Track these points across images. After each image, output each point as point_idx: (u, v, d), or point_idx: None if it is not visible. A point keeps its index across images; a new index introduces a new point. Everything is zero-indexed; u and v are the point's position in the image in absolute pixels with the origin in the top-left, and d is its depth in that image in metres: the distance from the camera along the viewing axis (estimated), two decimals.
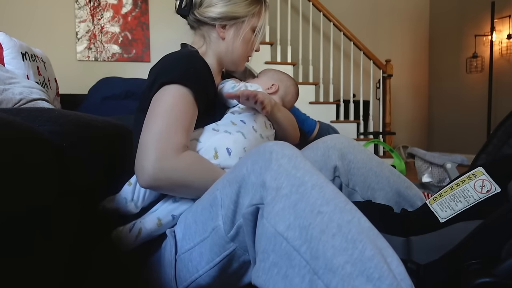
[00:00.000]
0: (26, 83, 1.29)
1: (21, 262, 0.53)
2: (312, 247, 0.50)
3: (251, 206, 0.58)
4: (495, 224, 0.60)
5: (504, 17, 3.91)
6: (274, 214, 0.54)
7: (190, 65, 0.80)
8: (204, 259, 0.66)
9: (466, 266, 0.58)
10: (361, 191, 0.93)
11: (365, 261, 0.47)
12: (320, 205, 0.52)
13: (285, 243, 0.52)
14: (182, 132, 0.73)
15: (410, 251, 0.72)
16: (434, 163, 1.89)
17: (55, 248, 0.62)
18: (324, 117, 3.66)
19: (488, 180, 0.70)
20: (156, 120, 0.73)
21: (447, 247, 0.64)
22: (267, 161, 0.58)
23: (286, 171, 0.56)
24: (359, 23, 4.59)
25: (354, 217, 0.52)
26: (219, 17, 0.90)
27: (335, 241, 0.49)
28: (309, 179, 0.55)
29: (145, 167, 0.68)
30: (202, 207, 0.68)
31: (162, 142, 0.70)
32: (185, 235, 0.69)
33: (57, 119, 0.64)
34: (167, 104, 0.74)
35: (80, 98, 2.27)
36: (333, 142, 0.94)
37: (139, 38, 3.49)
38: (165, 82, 0.76)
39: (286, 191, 0.54)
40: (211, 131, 0.82)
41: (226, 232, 0.63)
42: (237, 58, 0.96)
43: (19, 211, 0.50)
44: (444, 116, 4.78)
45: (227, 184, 0.63)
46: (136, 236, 0.72)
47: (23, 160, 0.50)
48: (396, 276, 0.46)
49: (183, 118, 0.74)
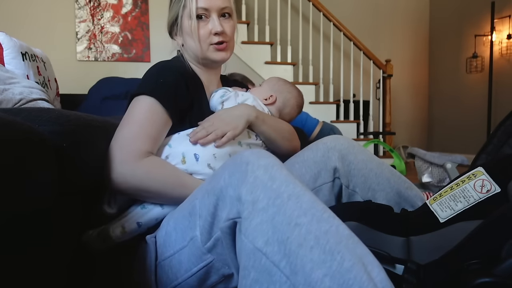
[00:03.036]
0: (26, 83, 1.29)
1: (22, 262, 0.53)
2: (291, 262, 0.48)
3: (229, 220, 0.57)
4: (495, 224, 0.60)
5: (504, 17, 3.91)
6: (252, 229, 0.53)
7: (160, 76, 0.85)
8: (182, 268, 0.66)
9: (466, 266, 0.58)
10: (361, 192, 0.92)
11: (343, 273, 0.46)
12: (297, 217, 0.51)
13: (265, 258, 0.50)
14: (144, 139, 0.77)
15: (410, 251, 0.72)
16: (434, 163, 1.89)
17: (56, 248, 0.62)
18: (324, 117, 3.66)
19: (488, 180, 0.70)
20: (122, 128, 0.78)
21: (447, 247, 0.64)
22: (243, 173, 0.57)
23: (262, 183, 0.55)
24: (359, 23, 4.58)
25: (331, 226, 0.51)
26: (169, 30, 0.97)
27: (313, 254, 0.48)
28: (285, 189, 0.54)
29: (109, 172, 0.73)
30: (182, 215, 0.68)
31: (123, 148, 0.75)
32: (166, 241, 0.69)
33: (57, 119, 0.64)
34: (133, 113, 0.80)
35: (80, 98, 2.27)
36: (333, 143, 0.94)
37: (139, 38, 3.49)
38: (135, 94, 0.82)
39: (263, 204, 0.53)
40: (183, 137, 0.84)
41: (203, 243, 0.63)
42: (198, 53, 0.91)
43: (19, 211, 0.50)
44: (444, 116, 4.78)
45: (205, 194, 0.63)
46: (102, 241, 0.75)
47: (23, 160, 0.50)
48: (377, 285, 0.45)
49: (148, 126, 0.78)
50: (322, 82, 3.84)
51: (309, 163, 0.93)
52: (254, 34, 3.69)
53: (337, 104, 3.79)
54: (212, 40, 0.90)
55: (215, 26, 0.89)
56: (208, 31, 0.89)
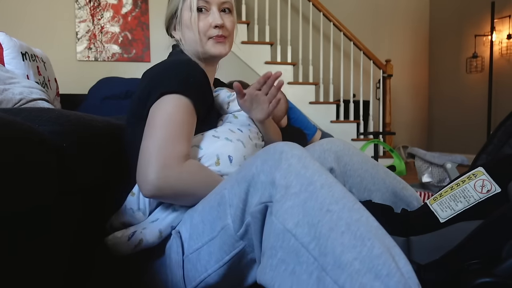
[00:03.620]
0: (26, 83, 1.29)
1: (21, 261, 0.53)
2: (320, 244, 0.50)
3: (260, 204, 0.58)
4: (495, 224, 0.60)
5: (504, 17, 3.91)
6: (283, 212, 0.54)
7: (189, 73, 0.80)
8: (213, 258, 0.66)
9: (466, 266, 0.58)
10: (357, 193, 0.93)
11: (373, 258, 0.48)
12: (329, 204, 0.53)
13: (294, 240, 0.52)
14: (183, 141, 0.73)
15: (410, 251, 0.72)
16: (434, 163, 1.89)
17: (55, 248, 0.62)
18: (324, 117, 3.66)
19: (488, 180, 0.70)
20: (158, 130, 0.72)
21: (447, 247, 0.64)
22: (277, 161, 0.58)
23: (296, 170, 0.57)
24: (359, 23, 4.58)
25: (362, 216, 0.52)
26: (167, 26, 0.96)
27: (344, 238, 0.50)
28: (318, 178, 0.56)
29: (149, 177, 0.68)
30: (210, 206, 0.68)
31: (165, 152, 0.70)
32: (192, 234, 0.69)
33: (57, 119, 0.64)
34: (167, 113, 0.74)
35: (80, 98, 2.26)
36: (329, 145, 0.95)
37: (139, 38, 3.49)
38: (165, 92, 0.75)
39: (296, 190, 0.55)
40: (211, 138, 0.82)
41: (236, 231, 0.63)
42: (197, 46, 0.90)
43: (19, 211, 0.50)
44: (444, 116, 4.78)
45: (235, 183, 0.63)
46: (135, 245, 0.71)
47: (23, 160, 0.50)
48: (404, 274, 0.47)
49: (184, 127, 0.75)
50: (322, 82, 3.84)
51: None
52: (254, 34, 3.69)
53: (337, 104, 3.79)
54: (211, 33, 0.89)
55: (216, 19, 0.88)
56: (208, 24, 0.88)
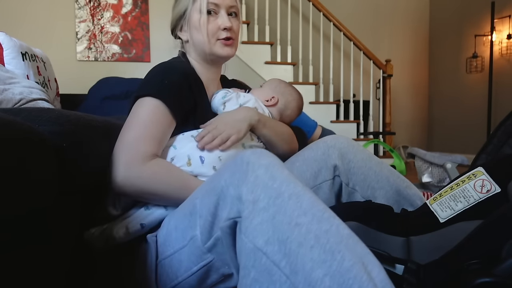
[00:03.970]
0: (26, 83, 1.29)
1: (22, 261, 0.53)
2: (291, 261, 0.49)
3: (229, 220, 0.57)
4: (495, 224, 0.60)
5: (504, 17, 3.91)
6: (252, 229, 0.53)
7: (165, 77, 0.84)
8: (183, 267, 0.66)
9: (466, 266, 0.58)
10: (361, 190, 0.93)
11: (343, 273, 0.46)
12: (298, 216, 0.51)
13: (265, 258, 0.50)
14: (150, 141, 0.76)
15: (410, 251, 0.72)
16: (434, 163, 1.89)
17: (55, 249, 0.63)
18: (324, 117, 3.66)
19: (488, 180, 0.70)
20: (127, 130, 0.77)
21: (447, 247, 0.64)
22: (244, 173, 0.57)
23: (263, 182, 0.55)
24: (359, 23, 4.58)
25: (332, 226, 0.51)
26: (174, 26, 0.97)
27: (313, 253, 0.48)
28: (286, 188, 0.54)
29: (113, 174, 0.72)
30: (183, 214, 0.68)
31: (129, 151, 0.74)
32: (166, 240, 0.69)
33: (57, 119, 0.64)
34: (138, 115, 0.79)
35: (80, 98, 2.27)
36: (333, 142, 0.95)
37: (139, 38, 3.49)
38: (139, 95, 0.81)
39: (264, 204, 0.53)
40: (188, 138, 0.84)
41: (203, 243, 0.63)
42: (205, 48, 0.92)
43: (19, 211, 0.50)
44: (444, 116, 4.78)
45: (206, 194, 0.63)
46: (105, 241, 0.75)
47: (23, 160, 0.50)
48: (377, 284, 0.45)
49: (153, 128, 0.78)
50: (322, 82, 3.84)
51: (310, 161, 0.94)
52: (254, 34, 3.69)
53: (337, 104, 3.79)
54: (220, 35, 0.92)
55: (224, 22, 0.91)
56: (217, 26, 0.91)
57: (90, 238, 0.75)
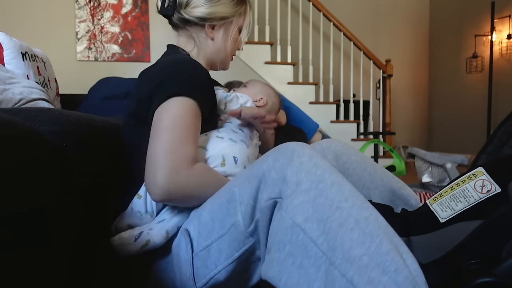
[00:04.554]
0: (26, 83, 1.28)
1: (22, 261, 0.53)
2: (329, 239, 0.51)
3: (269, 199, 0.59)
4: (496, 224, 0.60)
5: (504, 17, 3.91)
6: (293, 207, 0.55)
7: (194, 74, 0.80)
8: (223, 255, 0.66)
9: (467, 266, 0.58)
10: None
11: (381, 254, 0.49)
12: (339, 201, 0.54)
13: (303, 234, 0.53)
14: (191, 143, 0.73)
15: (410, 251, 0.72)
16: (434, 163, 1.89)
17: (56, 248, 0.62)
18: (324, 117, 3.66)
19: (488, 180, 0.70)
20: (165, 133, 0.71)
21: (448, 247, 0.64)
22: (288, 158, 0.59)
23: (307, 168, 0.58)
24: (359, 23, 4.58)
25: (371, 214, 0.54)
26: (208, 17, 0.90)
27: (353, 234, 0.51)
28: (328, 177, 0.57)
29: (158, 181, 0.67)
30: (219, 204, 0.68)
31: (174, 155, 0.69)
32: (201, 232, 0.69)
33: (57, 119, 0.64)
34: (174, 116, 0.73)
35: (80, 98, 2.26)
36: (328, 144, 0.99)
37: (139, 38, 3.49)
38: (172, 94, 0.74)
39: (306, 187, 0.56)
40: (216, 139, 0.83)
41: (246, 228, 0.63)
42: (226, 58, 0.98)
43: (19, 211, 0.50)
44: (444, 116, 4.79)
45: (245, 180, 0.64)
46: (142, 246, 0.71)
47: (23, 160, 0.50)
48: (412, 272, 0.48)
49: (191, 129, 0.74)
50: (322, 82, 3.84)
51: None
52: (254, 34, 3.69)
53: (337, 104, 3.79)
54: (235, 53, 1.00)
55: (242, 44, 1.00)
56: (237, 45, 0.99)
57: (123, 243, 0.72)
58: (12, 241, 0.51)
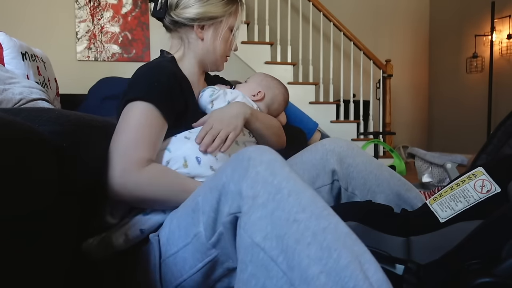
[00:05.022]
0: (26, 83, 1.28)
1: (21, 262, 0.53)
2: (288, 257, 0.49)
3: (230, 215, 0.58)
4: (495, 224, 0.60)
5: (504, 17, 3.91)
6: (251, 224, 0.53)
7: (154, 79, 0.82)
8: (187, 264, 0.66)
9: (466, 266, 0.58)
10: (360, 194, 0.92)
11: (339, 271, 0.46)
12: (296, 213, 0.51)
13: (262, 253, 0.51)
14: (145, 146, 0.75)
15: (410, 251, 0.72)
16: (434, 163, 1.89)
17: (55, 249, 0.62)
18: (324, 117, 3.66)
19: (488, 180, 0.70)
20: (120, 135, 0.75)
21: (447, 247, 0.64)
22: (244, 169, 0.57)
23: (263, 179, 0.55)
24: (359, 23, 4.58)
25: (330, 224, 0.51)
26: (197, 18, 0.91)
27: (310, 250, 0.48)
28: (285, 185, 0.54)
29: (109, 181, 0.71)
30: (186, 212, 0.68)
31: (124, 157, 0.72)
32: (169, 239, 0.69)
33: (57, 119, 0.64)
34: (130, 119, 0.77)
35: (80, 98, 2.26)
36: (331, 146, 0.94)
37: (139, 38, 3.49)
38: (129, 99, 0.79)
39: (263, 200, 0.53)
40: (182, 140, 0.82)
41: (207, 239, 0.63)
42: (218, 58, 0.97)
43: (19, 211, 0.50)
44: (444, 116, 4.78)
45: (208, 191, 0.63)
46: (104, 249, 0.73)
47: (23, 160, 0.50)
48: (373, 284, 0.45)
49: (147, 132, 0.76)
50: (322, 82, 3.84)
51: (308, 165, 0.94)
52: (254, 34, 3.69)
53: (337, 104, 3.79)
54: (228, 54, 0.99)
55: (236, 45, 0.99)
56: (231, 47, 0.98)
57: (89, 248, 0.74)
58: (12, 241, 0.51)
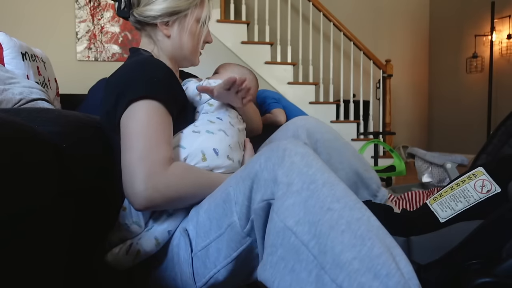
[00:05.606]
0: (26, 83, 1.28)
1: (20, 262, 0.53)
2: (320, 243, 0.50)
3: (263, 201, 0.59)
4: (496, 224, 0.60)
5: (504, 17, 3.91)
6: (284, 209, 0.54)
7: (151, 74, 0.77)
8: (221, 255, 0.66)
9: (466, 266, 0.58)
10: None
11: (373, 258, 0.47)
12: (330, 202, 0.53)
13: (294, 237, 0.52)
14: (164, 145, 0.71)
15: (410, 251, 0.72)
16: (434, 163, 1.89)
17: (54, 249, 0.62)
18: (324, 117, 3.66)
19: (488, 180, 0.70)
20: (135, 140, 0.70)
21: (448, 247, 0.64)
22: (280, 158, 0.59)
23: (298, 168, 0.57)
24: (359, 23, 4.58)
25: (363, 215, 0.52)
26: (159, 15, 0.86)
27: (344, 237, 0.49)
28: (320, 177, 0.56)
29: (136, 190, 0.66)
30: (215, 204, 0.68)
31: (148, 161, 0.68)
32: (199, 232, 0.69)
33: (57, 119, 0.64)
34: (141, 121, 0.71)
35: (80, 98, 2.26)
36: (302, 122, 1.01)
37: (139, 38, 3.48)
38: (132, 99, 0.72)
39: (297, 187, 0.55)
40: (192, 134, 0.80)
41: (242, 228, 0.63)
42: (188, 53, 0.92)
43: (18, 211, 0.50)
44: (444, 116, 4.78)
45: (240, 180, 0.64)
46: (134, 257, 0.71)
47: (22, 160, 0.50)
48: (404, 275, 0.47)
49: (161, 131, 0.72)
50: (322, 82, 3.84)
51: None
52: (254, 34, 3.69)
53: (337, 104, 3.79)
54: (200, 47, 0.94)
55: (210, 37, 0.96)
56: (202, 39, 0.93)
57: (116, 258, 0.71)
58: (11, 242, 0.51)
